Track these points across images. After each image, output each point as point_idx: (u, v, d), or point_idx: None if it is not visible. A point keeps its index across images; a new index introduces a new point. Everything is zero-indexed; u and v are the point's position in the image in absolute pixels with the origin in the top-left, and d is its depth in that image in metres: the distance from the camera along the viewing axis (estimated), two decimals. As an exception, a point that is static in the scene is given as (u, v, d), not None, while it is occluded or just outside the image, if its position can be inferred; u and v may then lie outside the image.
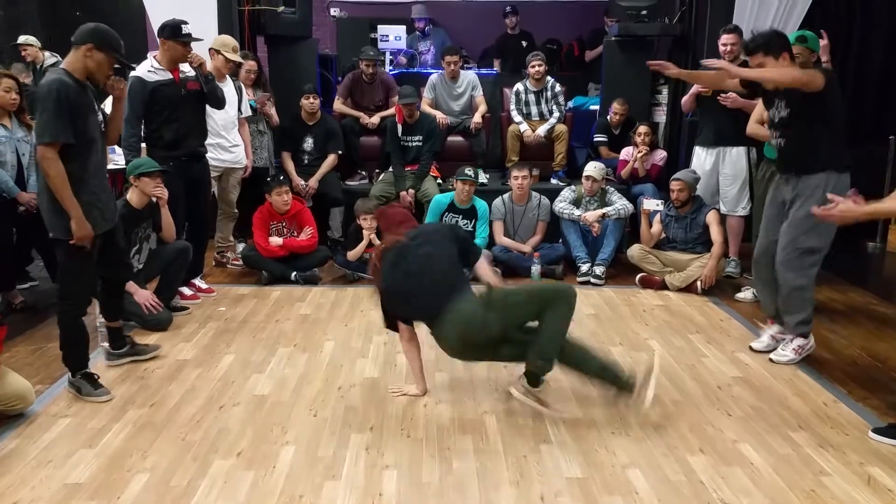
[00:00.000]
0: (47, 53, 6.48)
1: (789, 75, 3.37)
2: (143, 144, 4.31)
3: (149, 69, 4.16)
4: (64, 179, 2.96)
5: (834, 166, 3.45)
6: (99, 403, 3.16)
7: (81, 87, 3.06)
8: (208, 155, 4.60)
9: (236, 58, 4.77)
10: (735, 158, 5.05)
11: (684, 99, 5.20)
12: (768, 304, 3.84)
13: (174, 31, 4.07)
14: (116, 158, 5.60)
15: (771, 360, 3.68)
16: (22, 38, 6.41)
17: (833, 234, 3.51)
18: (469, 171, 5.19)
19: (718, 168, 5.11)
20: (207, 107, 4.45)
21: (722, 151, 5.07)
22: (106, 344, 3.62)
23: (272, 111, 5.63)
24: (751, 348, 3.88)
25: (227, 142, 4.96)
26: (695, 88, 5.01)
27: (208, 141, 4.59)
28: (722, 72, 3.54)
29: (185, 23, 4.10)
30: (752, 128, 4.36)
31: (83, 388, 3.21)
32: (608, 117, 6.18)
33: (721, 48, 4.96)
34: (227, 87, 4.81)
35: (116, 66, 3.18)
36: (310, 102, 5.63)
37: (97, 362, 3.51)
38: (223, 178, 5.07)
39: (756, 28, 5.58)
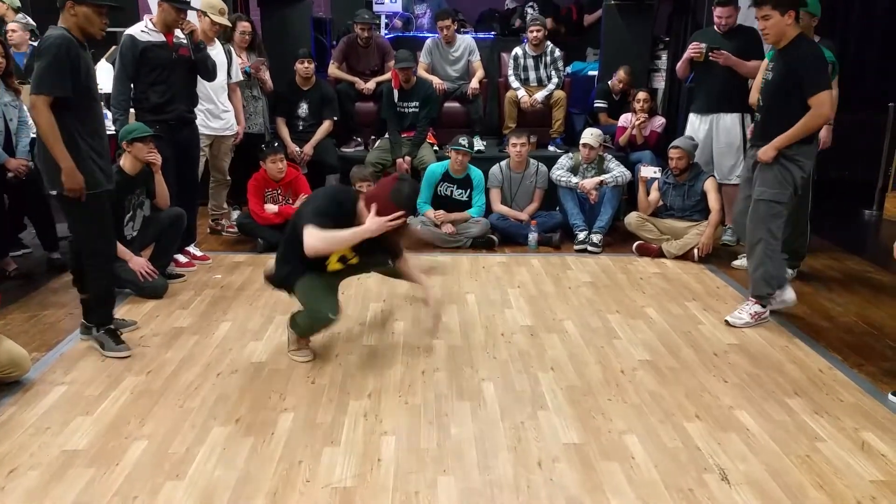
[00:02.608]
0: (20, 16, 6.28)
1: (823, 116, 3.49)
2: (132, 110, 4.25)
3: (142, 29, 4.11)
4: (54, 129, 2.96)
5: (805, 139, 3.55)
6: (96, 370, 3.15)
7: (82, 46, 3.06)
8: (198, 121, 4.54)
9: (223, 20, 4.67)
10: (729, 125, 5.00)
11: (678, 65, 5.14)
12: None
13: None
14: (108, 123, 5.52)
15: (727, 321, 3.73)
16: None
17: (791, 192, 3.61)
18: (464, 140, 5.13)
19: (713, 136, 5.07)
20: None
21: (716, 118, 5.03)
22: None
23: (266, 76, 5.54)
24: (726, 322, 3.79)
25: (218, 107, 4.89)
26: (688, 53, 4.94)
27: (199, 107, 4.53)
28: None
29: None
30: (755, 97, 4.32)
31: (106, 344, 3.29)
32: (611, 83, 6.10)
33: (717, 20, 4.89)
34: (216, 51, 4.72)
35: (105, 7, 3.07)
36: (304, 67, 5.54)
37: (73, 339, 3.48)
38: (214, 145, 5.01)
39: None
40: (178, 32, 4.18)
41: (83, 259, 3.26)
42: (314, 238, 2.95)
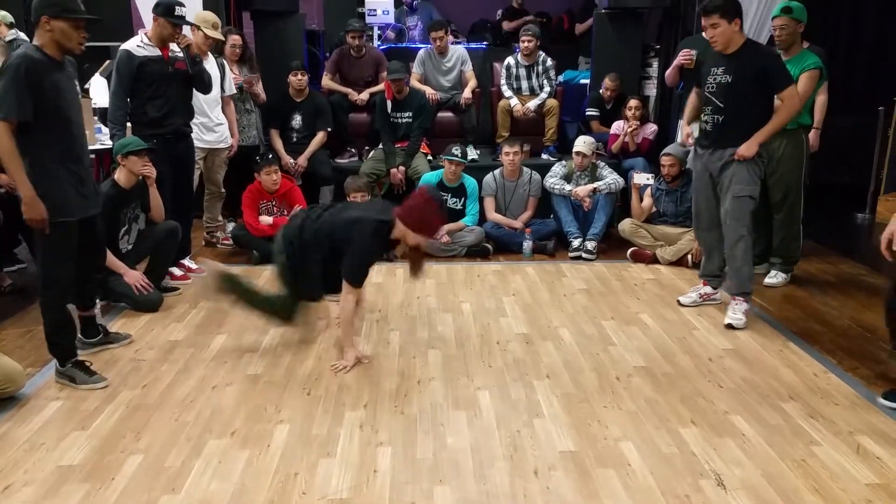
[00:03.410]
0: (13, 31, 6.28)
1: (797, 106, 3.72)
2: (129, 124, 4.26)
3: (138, 44, 4.12)
4: (14, 156, 2.79)
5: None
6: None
7: (55, 64, 2.91)
8: (192, 135, 4.55)
9: (216, 34, 4.69)
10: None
11: (668, 72, 5.16)
12: (706, 266, 4.13)
13: (167, 10, 4.03)
14: (103, 138, 5.53)
15: (730, 325, 3.79)
16: None
17: (758, 179, 3.77)
18: (457, 150, 5.16)
19: None
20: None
21: None
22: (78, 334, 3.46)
23: (259, 90, 5.56)
24: (678, 303, 4.14)
25: (212, 121, 4.90)
26: (677, 61, 4.97)
27: (193, 121, 4.54)
28: None
29: (181, 5, 4.08)
30: (694, 107, 4.40)
31: (77, 377, 3.12)
32: (601, 92, 6.14)
33: (704, 27, 4.92)
34: (210, 65, 4.74)
35: (82, 20, 2.93)
36: (297, 79, 5.56)
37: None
38: (208, 158, 5.02)
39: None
40: (173, 46, 4.19)
41: (40, 287, 3.06)
42: (347, 309, 3.31)
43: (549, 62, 6.00)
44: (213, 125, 4.92)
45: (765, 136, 3.67)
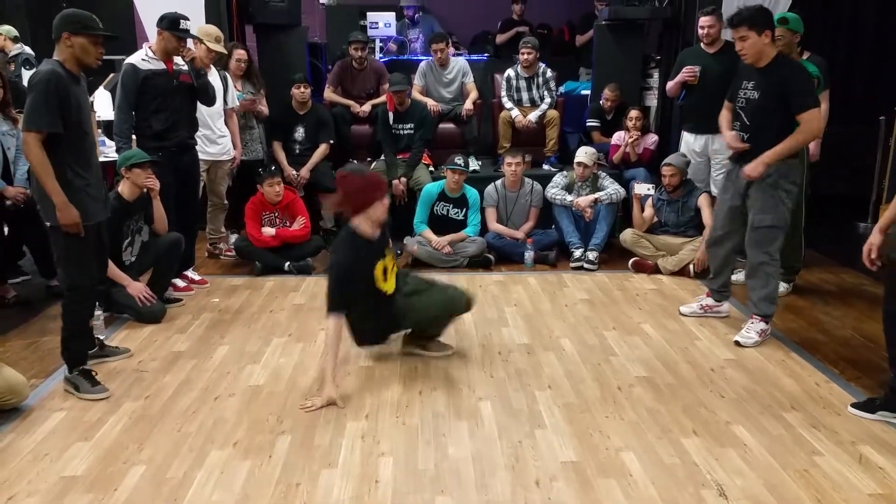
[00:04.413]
0: (18, 46, 6.34)
1: (814, 131, 3.53)
2: (133, 136, 4.29)
3: (142, 58, 4.16)
4: (46, 166, 2.94)
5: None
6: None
7: (75, 79, 3.06)
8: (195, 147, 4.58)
9: (218, 48, 4.72)
10: (722, 144, 5.03)
11: (670, 85, 5.18)
12: (712, 280, 4.09)
13: (172, 24, 4.08)
14: (107, 150, 5.56)
15: (737, 342, 3.71)
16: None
17: (787, 213, 3.64)
18: (459, 160, 5.18)
19: (707, 152, 5.11)
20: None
21: (710, 138, 5.07)
22: None
23: (262, 107, 5.53)
24: (679, 312, 4.13)
25: (214, 133, 4.92)
26: (681, 76, 4.99)
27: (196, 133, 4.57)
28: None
29: (186, 18, 4.13)
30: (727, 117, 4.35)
31: (81, 386, 3.16)
32: (601, 103, 6.17)
33: (700, 31, 4.96)
34: (212, 78, 4.77)
35: (100, 37, 3.07)
36: (301, 92, 5.60)
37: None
38: (211, 170, 5.05)
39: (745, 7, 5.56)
40: (177, 59, 4.23)
41: (63, 291, 3.20)
42: (328, 336, 3.16)
43: (550, 73, 6.03)
44: (215, 137, 4.95)
45: (774, 156, 3.48)
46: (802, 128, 3.46)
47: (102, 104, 5.87)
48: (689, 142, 5.18)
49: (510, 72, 6.07)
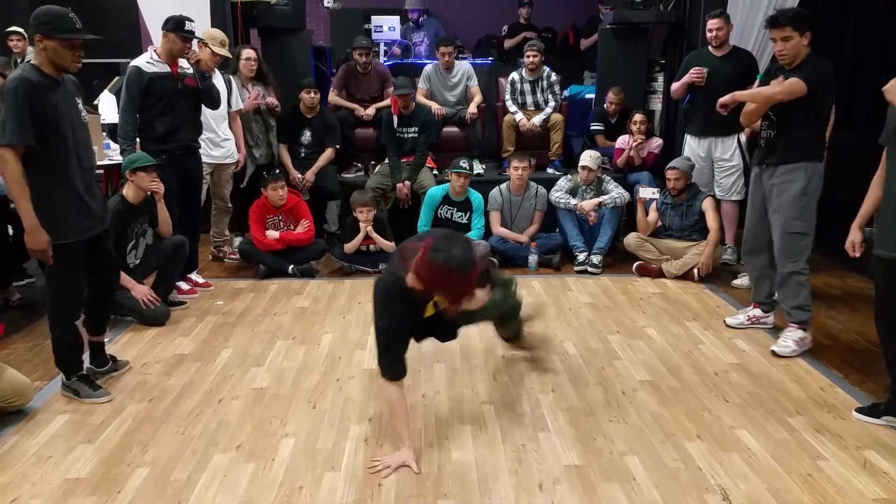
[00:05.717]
0: (31, 48, 6.38)
1: (789, 90, 3.49)
2: (137, 139, 4.30)
3: (147, 60, 4.18)
4: (21, 186, 2.78)
5: (815, 156, 3.59)
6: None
7: (53, 83, 2.86)
8: (199, 150, 4.60)
9: (223, 52, 4.74)
10: (728, 147, 5.04)
11: (675, 87, 5.17)
12: (756, 292, 4.00)
13: (177, 26, 4.10)
14: (111, 154, 5.59)
15: (773, 352, 3.64)
16: (11, 28, 6.34)
17: (815, 217, 3.64)
18: (464, 163, 5.18)
19: (711, 155, 5.10)
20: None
21: (714, 141, 5.06)
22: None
23: (270, 99, 5.50)
24: (725, 323, 4.05)
25: (218, 136, 4.94)
26: (688, 77, 4.98)
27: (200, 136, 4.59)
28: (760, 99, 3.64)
29: (191, 20, 4.15)
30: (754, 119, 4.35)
31: (81, 391, 3.14)
32: (605, 106, 6.17)
33: (708, 34, 4.95)
34: (217, 81, 4.78)
35: (75, 39, 2.85)
36: (310, 97, 5.61)
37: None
38: (215, 173, 5.06)
39: (751, 14, 5.57)
40: (182, 63, 4.25)
41: (48, 303, 3.07)
42: (389, 403, 2.77)
43: (554, 77, 6.03)
44: (219, 140, 4.97)
45: (747, 96, 3.65)
46: (784, 84, 3.47)
47: (107, 107, 5.91)
48: (693, 146, 5.18)
49: (514, 75, 6.07)
